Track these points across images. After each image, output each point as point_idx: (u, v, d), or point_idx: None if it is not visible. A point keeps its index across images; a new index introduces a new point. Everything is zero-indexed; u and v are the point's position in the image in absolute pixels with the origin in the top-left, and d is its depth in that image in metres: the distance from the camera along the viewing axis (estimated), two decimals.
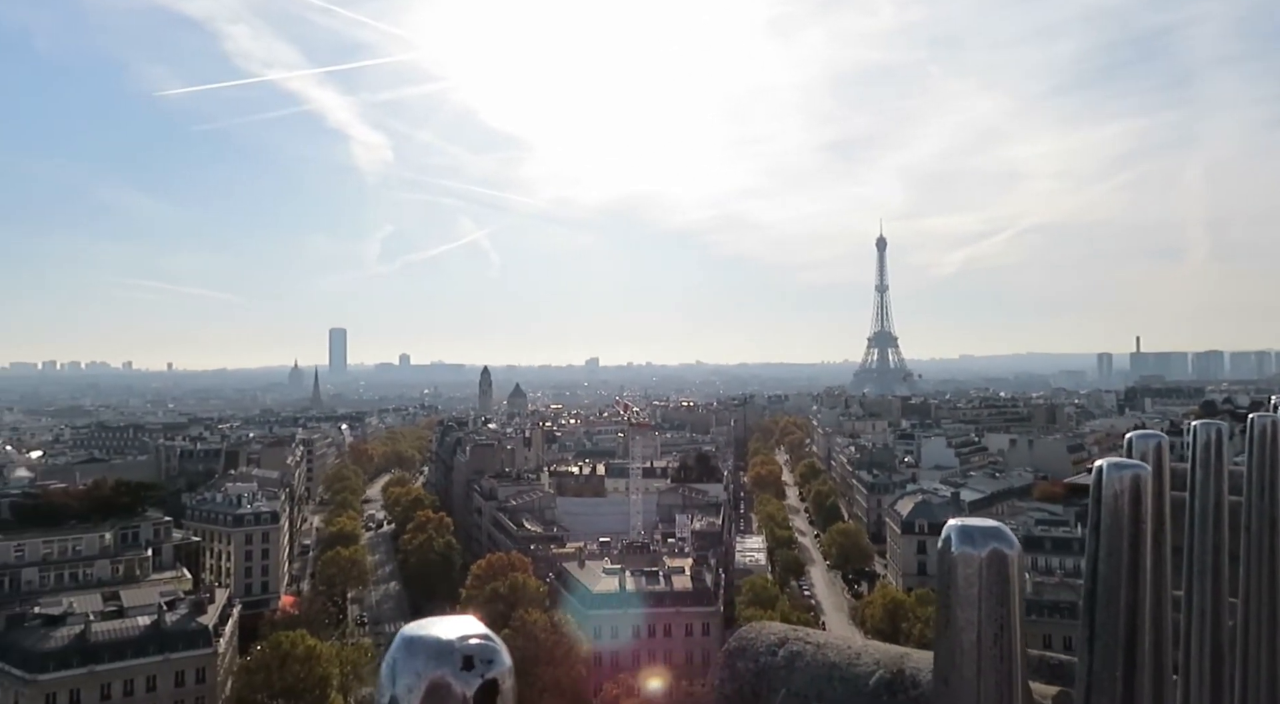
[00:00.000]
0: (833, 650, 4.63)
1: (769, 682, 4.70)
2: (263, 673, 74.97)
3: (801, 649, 4.74)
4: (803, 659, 4.65)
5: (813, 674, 4.53)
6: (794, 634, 5.01)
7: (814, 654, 4.65)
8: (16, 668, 69.46)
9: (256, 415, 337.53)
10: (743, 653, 5.02)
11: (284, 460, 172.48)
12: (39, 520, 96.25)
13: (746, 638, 5.15)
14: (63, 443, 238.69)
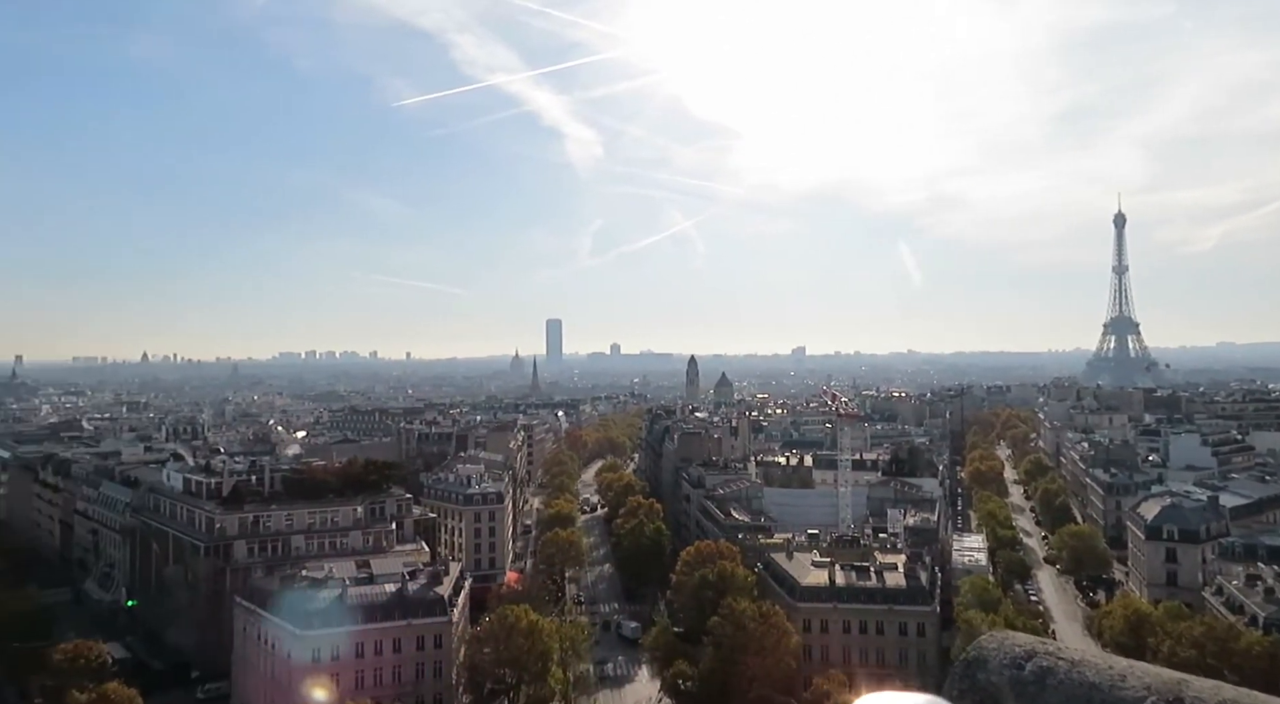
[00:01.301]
0: (1090, 669, 4.34)
1: (1015, 699, 4.48)
2: (491, 643, 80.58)
3: (1053, 665, 4.48)
4: (1055, 676, 4.39)
5: (1067, 695, 4.27)
6: (1042, 647, 4.73)
7: (1068, 672, 4.38)
8: (289, 624, 79.15)
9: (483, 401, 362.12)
10: (983, 664, 4.77)
11: (507, 444, 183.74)
12: (304, 493, 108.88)
13: (987, 648, 4.90)
14: (322, 425, 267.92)
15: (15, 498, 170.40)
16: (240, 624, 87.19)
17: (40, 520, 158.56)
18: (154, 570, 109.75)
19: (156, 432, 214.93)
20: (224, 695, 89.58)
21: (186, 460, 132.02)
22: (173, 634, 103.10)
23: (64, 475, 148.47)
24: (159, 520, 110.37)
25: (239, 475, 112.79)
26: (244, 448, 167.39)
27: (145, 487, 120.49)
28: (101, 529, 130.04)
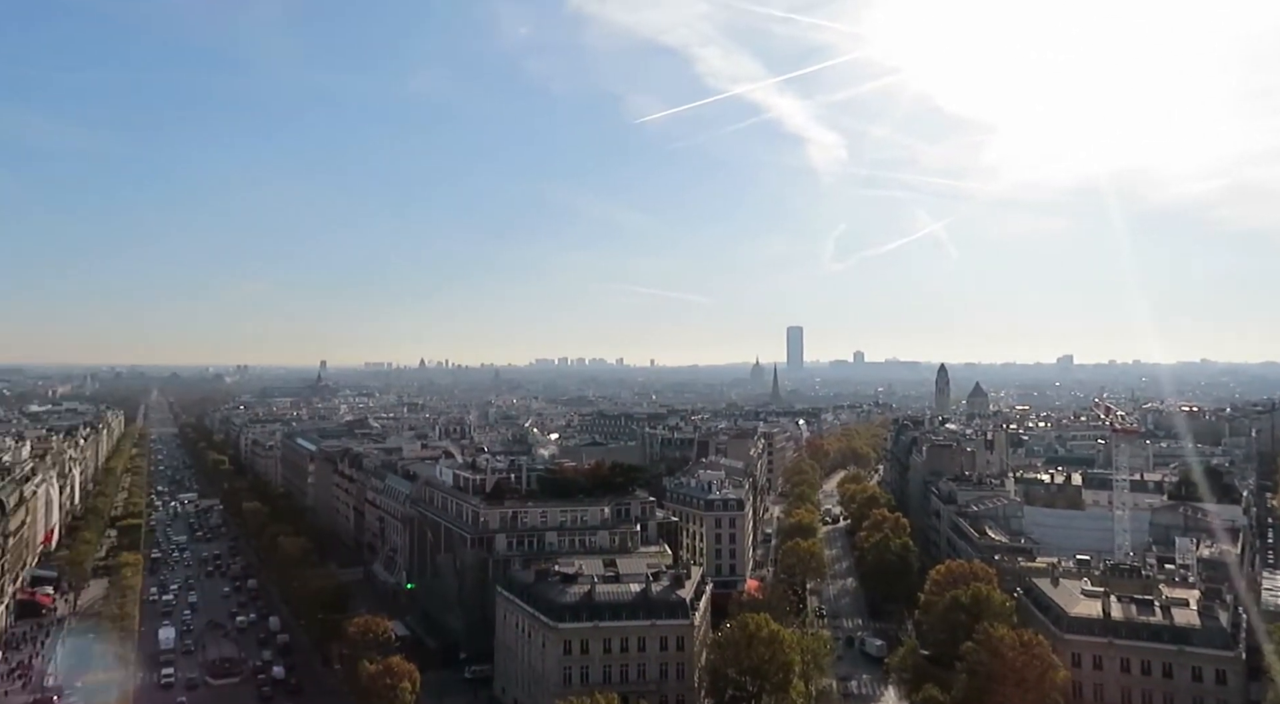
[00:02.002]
0: None
1: None
2: (732, 649, 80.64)
3: None
4: None
5: None
6: None
7: None
8: (544, 615, 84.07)
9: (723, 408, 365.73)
10: None
11: (748, 451, 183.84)
12: (556, 492, 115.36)
13: None
14: (573, 428, 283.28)
15: (320, 486, 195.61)
16: (501, 612, 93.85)
17: (338, 507, 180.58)
18: (429, 557, 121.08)
19: (431, 430, 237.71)
20: (487, 678, 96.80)
21: (456, 458, 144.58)
22: (444, 617, 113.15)
23: (357, 468, 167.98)
24: (433, 511, 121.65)
25: (500, 473, 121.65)
26: (504, 448, 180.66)
27: (422, 480, 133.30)
28: (386, 517, 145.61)
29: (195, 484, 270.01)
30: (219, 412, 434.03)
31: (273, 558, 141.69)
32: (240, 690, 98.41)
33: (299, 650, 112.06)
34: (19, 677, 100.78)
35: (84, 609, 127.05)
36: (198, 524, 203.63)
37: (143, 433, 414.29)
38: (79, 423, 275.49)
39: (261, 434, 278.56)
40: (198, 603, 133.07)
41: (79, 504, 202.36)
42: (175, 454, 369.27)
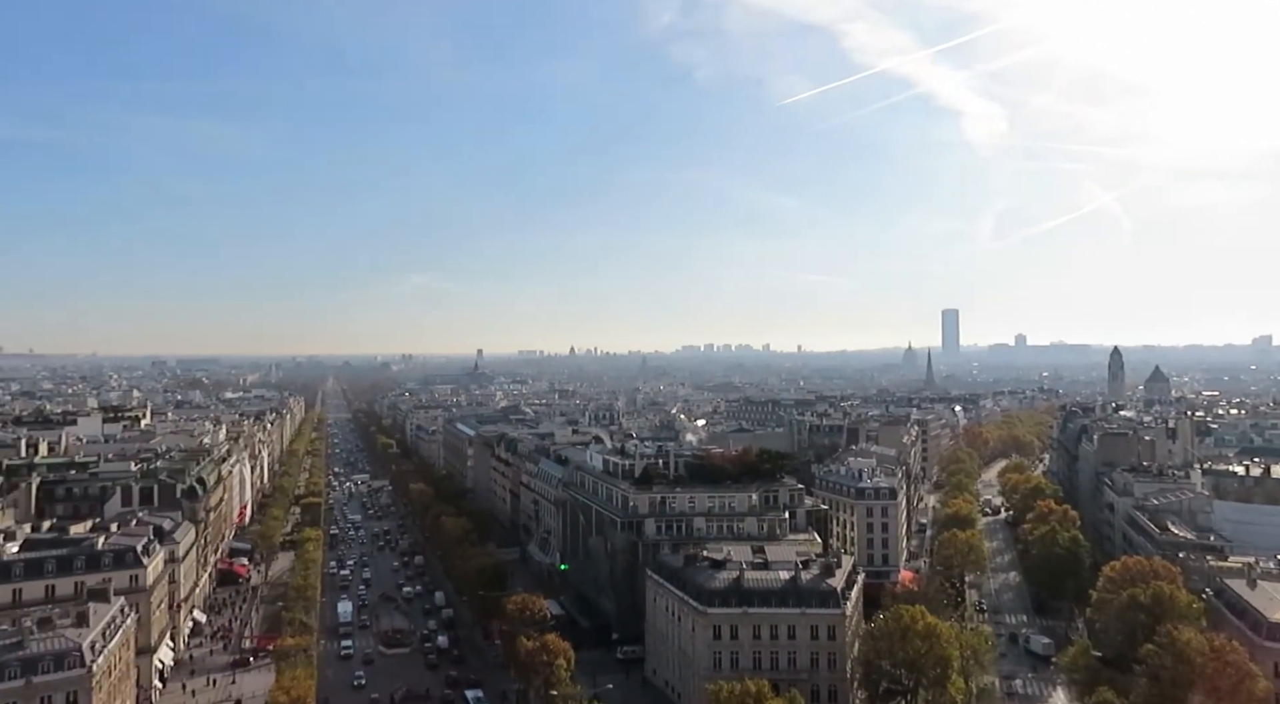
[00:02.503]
0: None
1: None
2: (885, 641, 78.50)
3: None
4: None
5: None
6: None
7: None
8: (693, 599, 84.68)
9: (874, 395, 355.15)
10: None
11: (900, 439, 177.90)
12: (704, 478, 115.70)
13: None
14: (719, 414, 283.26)
15: (479, 469, 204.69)
16: (651, 595, 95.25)
17: (495, 489, 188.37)
18: (581, 539, 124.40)
19: (581, 416, 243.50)
20: (639, 659, 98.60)
21: (605, 443, 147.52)
22: (596, 597, 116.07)
23: (512, 452, 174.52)
24: (584, 495, 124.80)
25: (648, 459, 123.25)
26: (652, 433, 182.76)
27: (573, 465, 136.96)
28: (540, 500, 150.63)
29: (367, 466, 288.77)
30: (386, 398, 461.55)
31: (437, 536, 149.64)
32: (410, 660, 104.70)
33: (462, 624, 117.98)
34: (221, 638, 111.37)
35: (273, 579, 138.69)
36: (369, 503, 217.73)
37: (320, 418, 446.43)
38: (266, 409, 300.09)
39: (425, 419, 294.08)
40: (370, 578, 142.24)
41: (267, 483, 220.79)
42: (349, 438, 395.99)
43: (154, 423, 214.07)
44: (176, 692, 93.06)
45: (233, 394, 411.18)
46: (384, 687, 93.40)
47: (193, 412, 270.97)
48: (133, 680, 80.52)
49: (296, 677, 79.35)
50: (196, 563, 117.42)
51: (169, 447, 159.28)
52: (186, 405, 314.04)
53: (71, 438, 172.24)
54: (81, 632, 68.61)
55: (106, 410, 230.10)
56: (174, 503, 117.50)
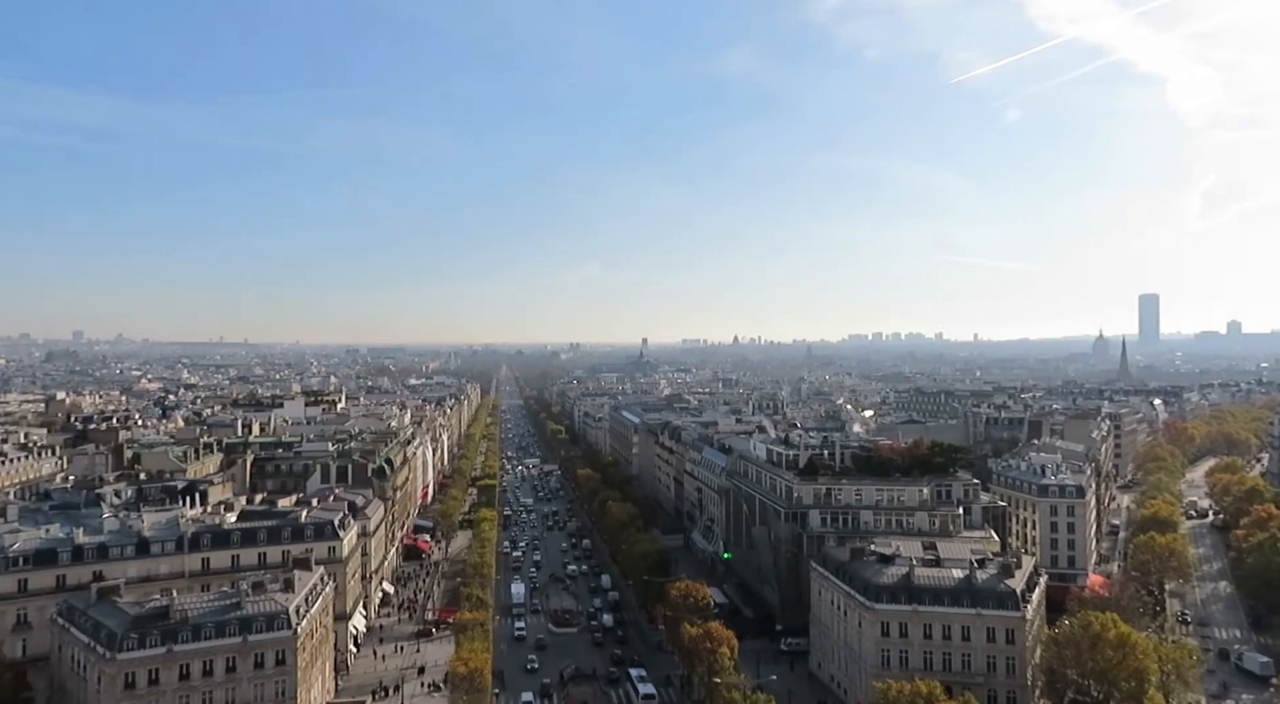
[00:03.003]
0: None
1: None
2: (1072, 649, 73.41)
3: None
4: None
5: None
6: None
7: None
8: (860, 594, 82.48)
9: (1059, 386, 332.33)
10: None
11: (1089, 434, 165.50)
12: (871, 470, 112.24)
13: None
14: (888, 405, 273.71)
15: (643, 456, 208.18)
16: (816, 588, 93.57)
17: (660, 476, 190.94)
18: (744, 528, 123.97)
19: (745, 405, 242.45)
20: (803, 651, 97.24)
21: (769, 432, 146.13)
22: (760, 587, 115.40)
23: (676, 440, 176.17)
24: (747, 484, 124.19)
25: (813, 449, 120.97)
26: (817, 423, 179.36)
27: (736, 454, 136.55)
28: (704, 488, 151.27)
29: (538, 450, 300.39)
30: (556, 386, 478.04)
31: (603, 521, 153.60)
32: (577, 639, 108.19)
33: (627, 607, 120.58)
34: (407, 609, 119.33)
35: (453, 556, 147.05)
36: (540, 487, 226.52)
37: (495, 404, 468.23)
38: (446, 395, 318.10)
39: (592, 407, 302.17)
40: (541, 561, 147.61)
41: (447, 465, 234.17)
42: (521, 423, 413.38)
43: (348, 407, 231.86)
44: (368, 656, 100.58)
45: (416, 380, 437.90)
46: (554, 666, 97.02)
47: (381, 396, 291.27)
48: (331, 644, 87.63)
49: (474, 649, 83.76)
50: (385, 538, 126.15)
51: (361, 429, 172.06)
52: (376, 391, 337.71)
53: (279, 419, 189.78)
54: (288, 596, 75.31)
55: (308, 395, 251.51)
56: (365, 481, 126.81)
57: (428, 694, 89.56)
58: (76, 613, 72.02)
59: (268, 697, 71.33)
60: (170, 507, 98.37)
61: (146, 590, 79.07)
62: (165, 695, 67.87)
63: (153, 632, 68.22)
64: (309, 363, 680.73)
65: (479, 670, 78.81)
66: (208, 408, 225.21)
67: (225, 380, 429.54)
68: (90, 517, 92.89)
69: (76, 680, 70.48)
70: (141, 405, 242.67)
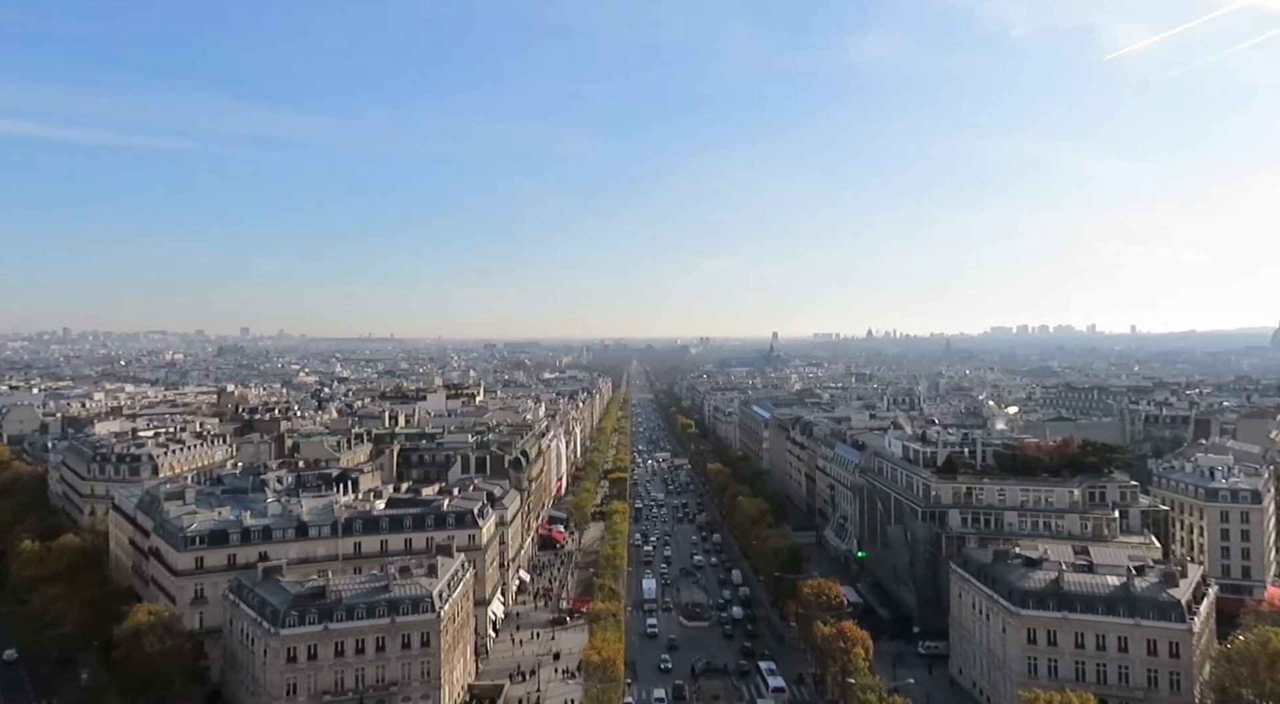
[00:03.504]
0: None
1: None
2: (1247, 666, 67.48)
3: None
4: None
5: None
6: None
7: None
8: (1004, 599, 78.74)
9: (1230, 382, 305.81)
10: None
11: (1266, 434, 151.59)
12: (1015, 469, 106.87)
13: None
14: (1034, 401, 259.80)
15: (774, 452, 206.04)
16: (956, 590, 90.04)
17: (790, 472, 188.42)
18: (879, 526, 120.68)
19: (879, 401, 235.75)
20: (942, 655, 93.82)
21: (905, 429, 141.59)
22: (895, 587, 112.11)
23: (808, 435, 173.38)
24: (881, 482, 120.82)
25: (952, 446, 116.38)
26: (956, 420, 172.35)
27: (870, 450, 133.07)
28: (836, 485, 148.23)
29: (668, 444, 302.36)
30: (685, 380, 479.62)
31: (733, 515, 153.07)
32: (708, 633, 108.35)
33: (758, 603, 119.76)
34: (542, 596, 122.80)
35: (586, 547, 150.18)
36: (670, 480, 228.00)
37: (626, 398, 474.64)
38: (578, 388, 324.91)
39: (722, 401, 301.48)
40: (671, 556, 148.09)
41: (580, 458, 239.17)
42: (651, 417, 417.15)
43: (486, 400, 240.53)
44: (506, 641, 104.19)
45: (550, 374, 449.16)
46: (685, 660, 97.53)
47: (517, 390, 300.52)
48: (471, 628, 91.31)
49: (607, 639, 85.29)
50: (521, 527, 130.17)
51: (498, 421, 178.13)
52: (512, 384, 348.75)
53: (422, 411, 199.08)
54: (432, 581, 78.97)
55: (449, 388, 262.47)
56: (502, 472, 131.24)
57: (563, 680, 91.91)
58: (245, 590, 77.99)
59: (414, 676, 75.08)
60: (325, 493, 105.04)
61: (305, 571, 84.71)
62: (322, 670, 72.57)
63: (311, 610, 73.05)
64: (450, 358, 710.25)
65: (612, 660, 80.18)
66: (358, 400, 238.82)
67: (374, 374, 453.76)
68: (256, 501, 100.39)
69: (245, 652, 76.38)
70: (300, 398, 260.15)
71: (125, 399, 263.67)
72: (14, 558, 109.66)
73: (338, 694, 72.85)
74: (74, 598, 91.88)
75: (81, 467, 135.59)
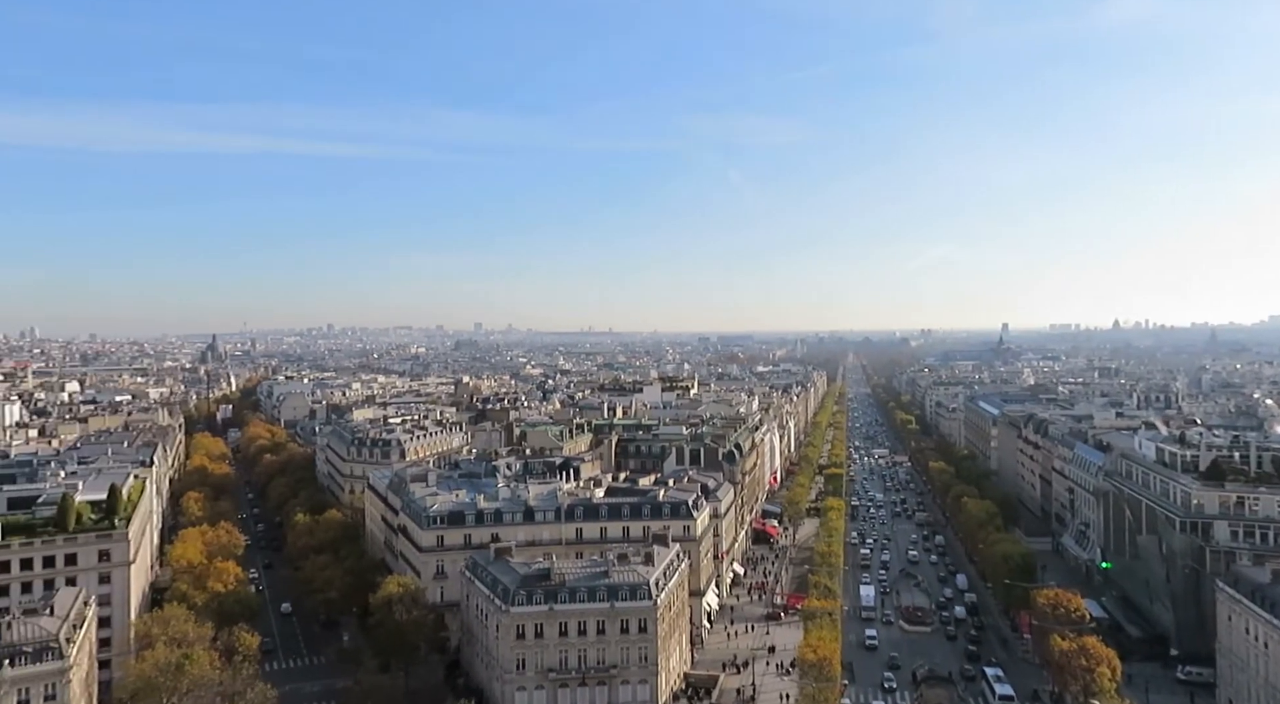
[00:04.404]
0: None
1: None
2: None
3: None
4: None
5: None
6: None
7: None
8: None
9: None
10: None
11: None
12: None
13: None
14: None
15: (1004, 451, 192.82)
16: (1224, 612, 79.91)
17: (1023, 473, 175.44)
18: (1126, 536, 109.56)
19: (1127, 398, 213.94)
20: (1207, 684, 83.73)
21: (1159, 429, 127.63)
22: (1147, 604, 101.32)
23: (1042, 434, 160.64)
24: (1130, 487, 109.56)
25: (1218, 450, 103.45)
26: (1223, 420, 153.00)
27: (1117, 452, 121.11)
28: (1076, 488, 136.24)
29: (885, 441, 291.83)
30: (905, 374, 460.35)
31: (957, 517, 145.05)
32: (930, 639, 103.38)
33: (985, 612, 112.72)
34: (756, 591, 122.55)
35: (800, 543, 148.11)
36: (888, 478, 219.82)
37: (841, 392, 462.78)
38: (792, 382, 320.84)
39: (945, 396, 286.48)
40: (890, 560, 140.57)
41: (794, 452, 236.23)
42: (868, 412, 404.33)
43: (700, 393, 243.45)
44: (720, 633, 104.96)
45: (763, 368, 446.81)
46: (905, 665, 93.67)
47: (730, 383, 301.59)
48: (686, 617, 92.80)
49: (823, 638, 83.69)
50: (735, 520, 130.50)
51: (712, 414, 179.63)
52: (725, 377, 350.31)
53: (639, 403, 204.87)
54: (649, 569, 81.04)
55: (664, 381, 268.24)
56: (716, 465, 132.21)
57: (777, 676, 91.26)
58: (479, 568, 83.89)
59: (632, 660, 77.46)
60: (550, 480, 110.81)
61: (531, 553, 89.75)
62: (548, 649, 76.60)
63: (538, 590, 77.31)
64: (665, 350, 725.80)
65: (828, 659, 78.58)
66: (579, 392, 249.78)
67: (594, 367, 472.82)
68: (488, 485, 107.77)
69: (480, 626, 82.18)
70: (527, 389, 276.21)
71: (377, 389, 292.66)
72: (289, 529, 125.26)
73: (562, 672, 76.61)
74: (337, 567, 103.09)
75: (342, 449, 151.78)
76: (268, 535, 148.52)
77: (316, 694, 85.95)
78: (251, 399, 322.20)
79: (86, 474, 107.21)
